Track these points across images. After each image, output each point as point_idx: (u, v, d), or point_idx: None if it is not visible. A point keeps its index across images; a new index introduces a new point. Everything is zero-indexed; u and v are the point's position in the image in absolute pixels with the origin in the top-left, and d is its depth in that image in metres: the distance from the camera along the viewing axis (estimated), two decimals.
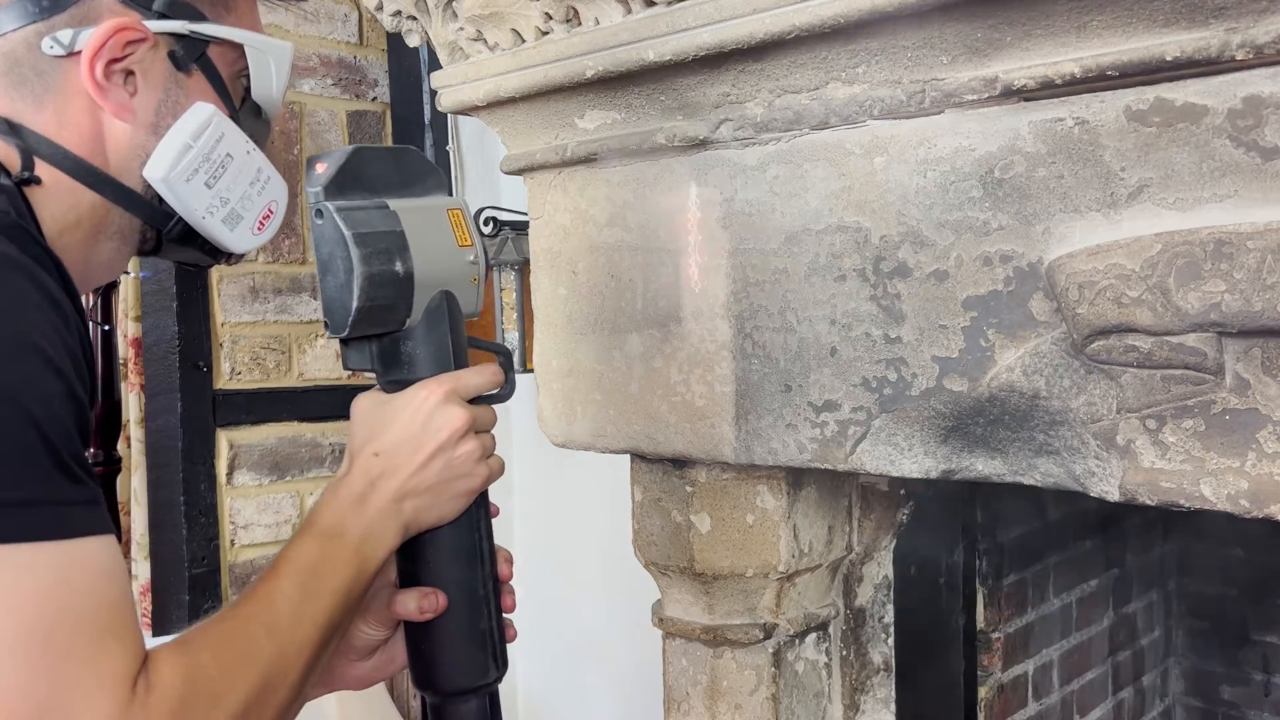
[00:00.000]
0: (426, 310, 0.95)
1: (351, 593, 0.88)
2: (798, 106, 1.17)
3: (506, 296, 1.98)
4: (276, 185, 0.97)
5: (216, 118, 0.91)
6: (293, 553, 0.87)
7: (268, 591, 0.83)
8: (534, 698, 2.69)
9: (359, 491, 0.91)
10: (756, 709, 1.46)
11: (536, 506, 2.63)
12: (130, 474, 2.41)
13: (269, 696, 0.78)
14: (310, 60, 2.54)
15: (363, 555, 0.89)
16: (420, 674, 0.98)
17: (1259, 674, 2.29)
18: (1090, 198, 0.99)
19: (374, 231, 0.91)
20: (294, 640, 0.81)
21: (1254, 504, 0.93)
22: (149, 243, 0.93)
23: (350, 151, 0.93)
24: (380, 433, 0.93)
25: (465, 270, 0.98)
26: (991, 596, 1.68)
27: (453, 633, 0.97)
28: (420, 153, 1.01)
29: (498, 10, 1.31)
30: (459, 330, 0.98)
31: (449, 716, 0.99)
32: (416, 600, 0.95)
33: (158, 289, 2.35)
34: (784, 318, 1.22)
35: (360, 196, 0.92)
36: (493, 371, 0.99)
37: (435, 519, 0.95)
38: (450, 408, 0.94)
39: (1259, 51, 0.86)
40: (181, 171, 0.89)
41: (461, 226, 0.98)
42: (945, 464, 1.14)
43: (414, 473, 0.92)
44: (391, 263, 0.91)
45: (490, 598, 1.00)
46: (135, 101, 0.88)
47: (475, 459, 0.95)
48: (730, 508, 1.40)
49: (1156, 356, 0.96)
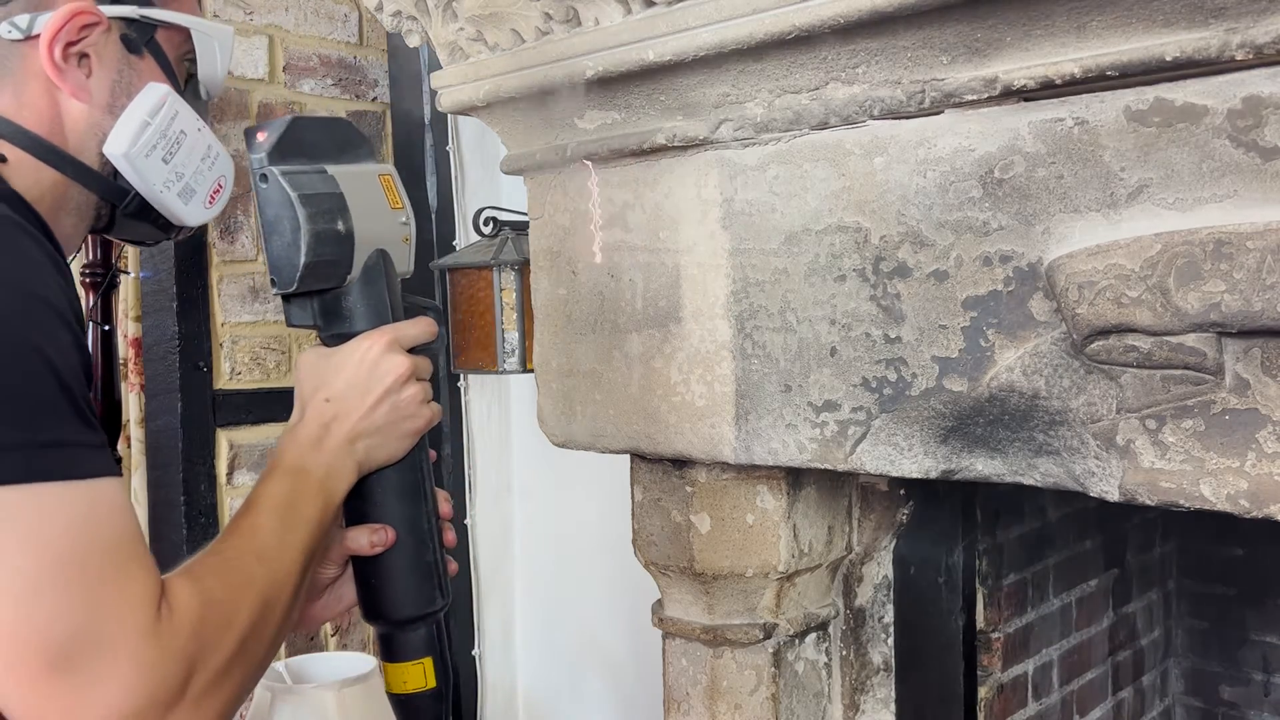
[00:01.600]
0: (365, 267, 1.02)
1: (323, 523, 0.95)
2: (798, 106, 1.17)
3: (506, 296, 1.98)
4: (225, 161, 1.03)
5: (170, 96, 0.96)
6: (266, 490, 0.94)
7: (251, 525, 0.91)
8: (534, 698, 2.69)
9: (314, 435, 0.98)
10: (756, 709, 1.46)
11: (536, 506, 2.63)
12: (130, 474, 2.41)
13: (268, 615, 0.86)
14: (310, 60, 2.54)
15: (327, 490, 0.96)
16: (370, 606, 1.05)
17: (1259, 674, 2.29)
18: (1090, 198, 0.99)
19: (316, 193, 0.98)
20: (282, 566, 0.89)
21: (1254, 504, 0.93)
22: (103, 219, 0.98)
23: (289, 121, 0.99)
24: (329, 381, 1.00)
25: (398, 230, 1.05)
26: (991, 596, 1.68)
27: (400, 565, 1.04)
28: (352, 123, 1.08)
29: (498, 10, 1.31)
30: (394, 286, 1.06)
31: (399, 643, 1.05)
32: (367, 536, 1.02)
33: (158, 289, 2.35)
34: (784, 318, 1.22)
35: (301, 162, 0.99)
36: (428, 323, 1.06)
37: (385, 458, 1.02)
38: (393, 355, 1.01)
39: (1259, 51, 0.86)
40: (141, 148, 0.94)
41: (393, 190, 1.05)
42: (945, 464, 1.14)
43: (364, 415, 0.99)
44: (334, 222, 0.98)
45: (434, 532, 1.06)
46: (91, 82, 0.92)
47: (418, 401, 1.03)
48: (730, 508, 1.40)
49: (1156, 356, 0.96)
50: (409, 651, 1.05)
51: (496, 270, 1.98)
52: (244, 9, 2.42)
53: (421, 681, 1.05)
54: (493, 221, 2.06)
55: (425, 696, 1.06)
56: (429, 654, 1.05)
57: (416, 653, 1.05)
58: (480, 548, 2.62)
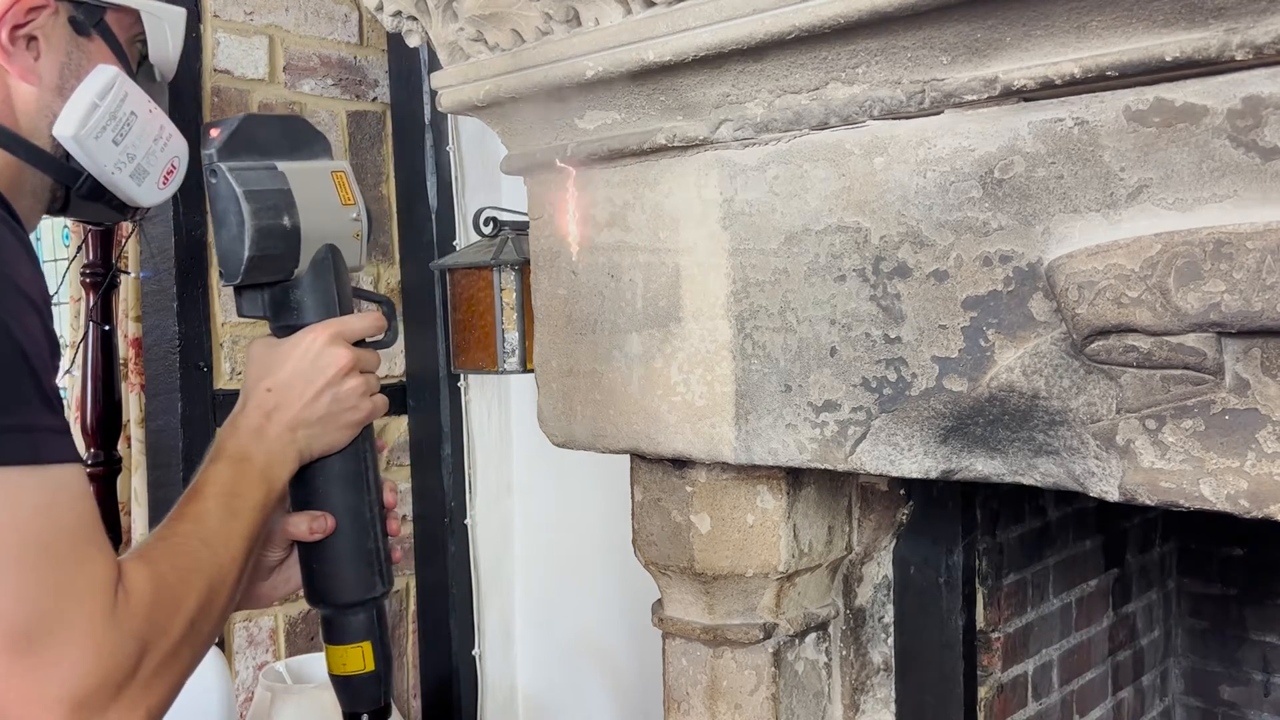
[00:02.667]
0: (313, 262, 1.05)
1: (265, 509, 0.98)
2: (798, 107, 1.17)
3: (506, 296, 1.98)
4: (178, 142, 1.04)
5: (120, 78, 0.97)
6: (210, 477, 0.96)
7: (197, 511, 0.93)
8: (534, 698, 2.69)
9: (256, 424, 1.00)
10: (756, 709, 1.46)
11: (536, 506, 2.63)
12: (130, 474, 2.41)
13: (215, 599, 0.89)
14: (310, 60, 2.54)
15: (269, 478, 0.99)
16: (313, 590, 1.09)
17: (1259, 674, 2.29)
18: (1090, 198, 0.99)
19: (263, 189, 1.01)
20: (227, 550, 0.92)
21: (1254, 504, 0.93)
22: (58, 201, 0.99)
23: (242, 119, 1.02)
24: (273, 371, 1.02)
25: (349, 226, 1.08)
26: (991, 596, 1.68)
27: (341, 551, 1.07)
28: (306, 121, 1.11)
29: (498, 10, 1.31)
30: (343, 280, 1.09)
31: (339, 626, 1.09)
32: (307, 522, 1.05)
33: (158, 289, 2.35)
34: (784, 318, 1.22)
35: (251, 158, 1.01)
36: (375, 318, 1.09)
37: (325, 447, 1.04)
38: (336, 348, 1.03)
39: (1259, 52, 0.86)
40: (90, 129, 0.94)
41: (345, 187, 1.08)
42: (945, 464, 1.14)
43: (305, 405, 1.02)
44: (279, 217, 1.01)
45: (376, 521, 1.09)
46: (39, 65, 0.93)
47: (359, 394, 1.05)
48: (730, 508, 1.40)
49: (1156, 356, 0.96)
50: (349, 635, 1.08)
51: (496, 270, 1.98)
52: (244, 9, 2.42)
53: (360, 664, 1.09)
54: (493, 221, 2.07)
55: (364, 679, 1.09)
56: (368, 638, 1.09)
57: (356, 636, 1.08)
58: (480, 548, 2.62)
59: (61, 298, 2.60)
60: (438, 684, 2.65)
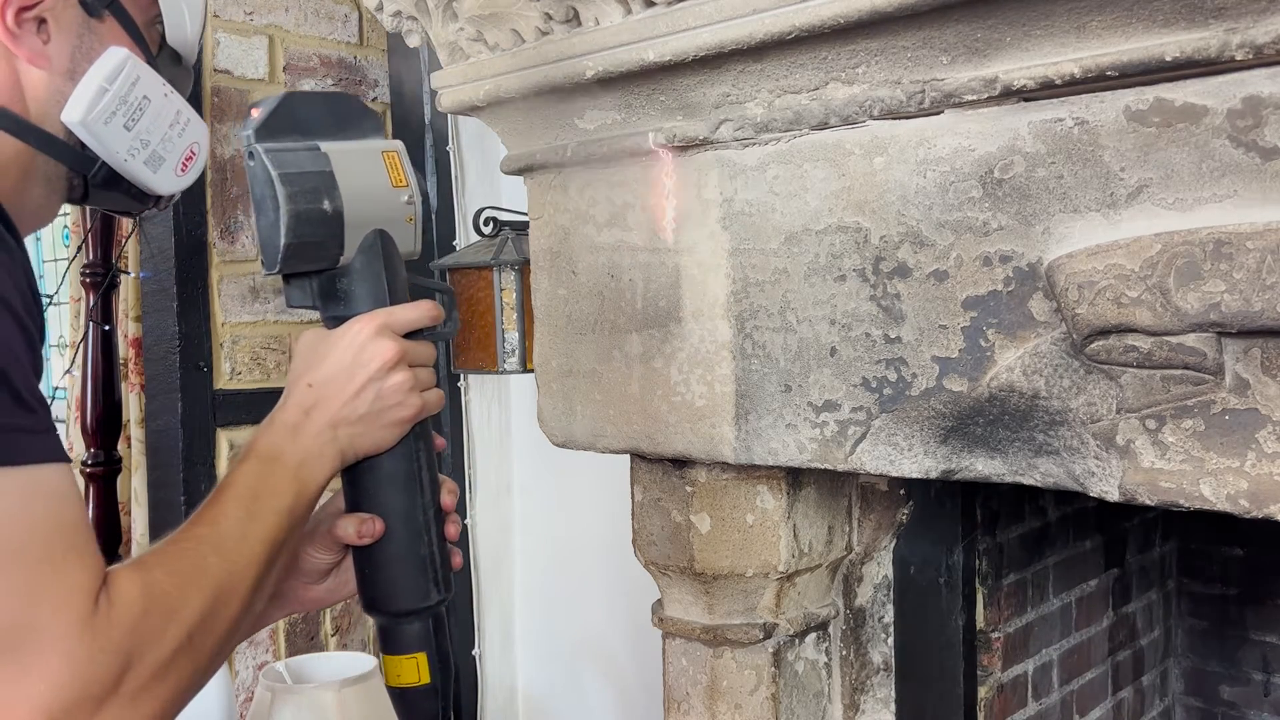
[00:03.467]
0: (361, 248, 0.98)
1: (294, 513, 0.92)
2: (798, 107, 1.17)
3: (506, 296, 1.98)
4: (197, 127, 0.99)
5: (131, 60, 0.92)
6: (235, 477, 0.91)
7: (213, 514, 0.87)
8: (534, 698, 2.69)
9: (293, 421, 0.95)
10: (756, 709, 1.46)
11: (536, 506, 2.63)
12: (130, 474, 2.41)
13: (220, 610, 0.82)
14: (310, 60, 2.54)
15: (301, 478, 0.93)
16: (366, 596, 1.04)
17: (1259, 674, 2.29)
18: (1090, 198, 0.99)
19: (301, 171, 0.94)
20: (241, 558, 0.85)
21: (1254, 504, 0.93)
22: (76, 190, 0.95)
23: (283, 96, 0.96)
24: (316, 365, 0.97)
25: (400, 210, 1.01)
26: (991, 596, 1.68)
27: (393, 557, 1.01)
28: (357, 98, 1.04)
29: (498, 10, 1.31)
30: (395, 268, 1.01)
31: (393, 636, 1.04)
32: (355, 525, 0.99)
33: (158, 289, 2.35)
34: (784, 318, 1.22)
35: (292, 139, 0.95)
36: (429, 307, 1.01)
37: (371, 446, 0.98)
38: (381, 340, 0.97)
39: (1259, 52, 0.86)
40: (99, 114, 0.90)
41: (397, 168, 1.01)
42: (945, 464, 1.14)
43: (346, 402, 0.95)
44: (319, 201, 0.94)
45: (431, 524, 1.03)
46: (49, 48, 0.89)
47: (406, 389, 0.98)
48: (730, 508, 1.40)
49: (1156, 356, 0.96)
50: (402, 645, 1.03)
51: (496, 270, 1.98)
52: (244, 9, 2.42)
53: (414, 676, 1.03)
54: (493, 221, 2.07)
55: (419, 692, 1.04)
56: (423, 649, 1.03)
57: (410, 647, 1.03)
58: (480, 548, 2.62)
59: (61, 298, 2.60)
60: None
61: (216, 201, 2.35)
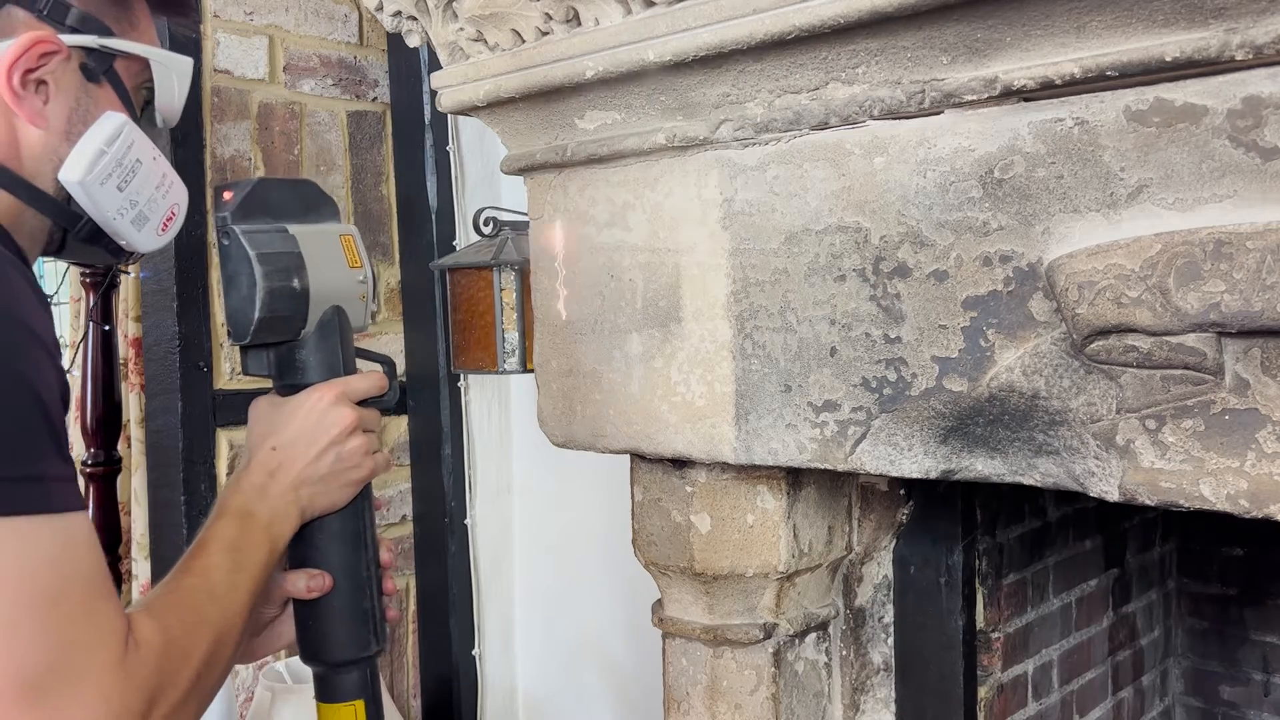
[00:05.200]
0: (320, 323, 1.08)
1: (268, 567, 1.00)
2: (798, 106, 1.17)
3: (506, 296, 1.98)
4: (179, 189, 1.04)
5: (128, 126, 0.97)
6: (216, 532, 0.98)
7: (203, 566, 0.94)
8: (534, 698, 2.69)
9: (260, 482, 1.02)
10: (756, 709, 1.46)
11: (536, 506, 2.63)
12: (130, 474, 2.41)
13: (220, 651, 0.90)
14: (310, 60, 2.54)
15: (272, 535, 1.01)
16: (307, 647, 1.10)
17: (1259, 674, 2.29)
18: (1090, 198, 0.99)
19: (275, 252, 1.04)
20: (232, 605, 0.93)
21: (1254, 504, 0.93)
22: (54, 243, 0.99)
23: (255, 183, 1.06)
24: (278, 430, 1.05)
25: (355, 288, 1.11)
26: (991, 596, 1.68)
27: (337, 610, 1.08)
28: (317, 185, 1.13)
29: (498, 10, 1.31)
30: (348, 341, 1.11)
31: (333, 685, 1.10)
32: (305, 580, 1.07)
33: (158, 289, 2.35)
34: (784, 318, 1.22)
35: (263, 221, 1.05)
36: (378, 378, 1.11)
37: (327, 505, 1.07)
38: (340, 408, 1.06)
39: (1259, 52, 0.86)
40: (96, 176, 0.94)
41: (353, 250, 1.11)
42: (945, 464, 1.14)
43: (309, 463, 1.04)
44: (290, 279, 1.04)
45: (373, 579, 1.11)
46: (48, 109, 0.93)
47: (363, 453, 1.07)
48: (730, 508, 1.40)
49: (1156, 356, 0.96)
50: (342, 693, 1.10)
51: (496, 270, 1.98)
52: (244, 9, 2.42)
53: None
54: (493, 221, 2.07)
55: None
56: (360, 696, 1.10)
57: (349, 695, 1.10)
58: (480, 548, 2.62)
59: (61, 298, 2.60)
60: (438, 684, 2.65)
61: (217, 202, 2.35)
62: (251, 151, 2.44)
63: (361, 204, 2.62)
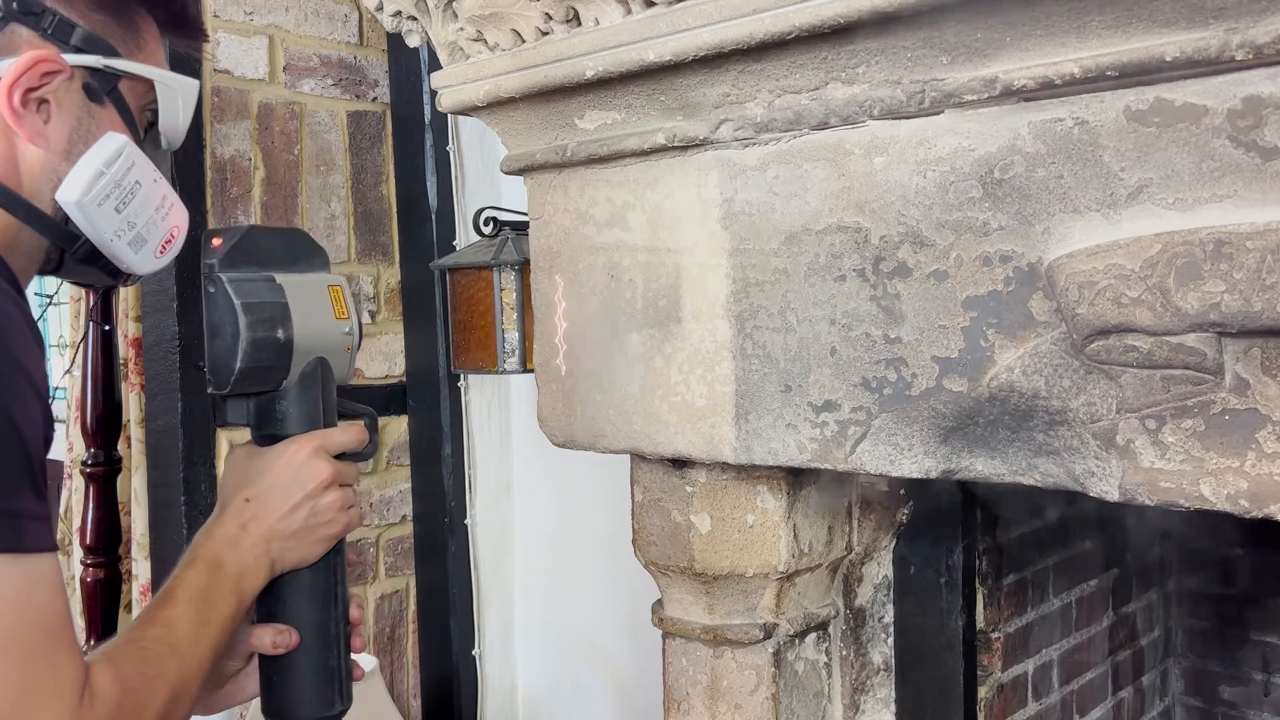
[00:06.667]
0: (302, 374, 1.06)
1: (234, 620, 0.98)
2: (798, 107, 1.17)
3: (506, 296, 1.98)
4: (179, 212, 1.03)
5: (128, 148, 0.96)
6: (184, 582, 0.96)
7: (168, 617, 0.93)
8: (534, 698, 2.69)
9: (232, 534, 1.01)
10: (756, 709, 1.46)
11: (536, 506, 2.63)
12: (130, 474, 2.41)
13: (176, 707, 0.89)
14: (310, 60, 2.54)
15: (240, 588, 0.99)
16: (271, 703, 1.07)
17: (1259, 674, 2.29)
18: (1090, 198, 0.99)
19: (260, 301, 1.02)
20: (193, 659, 0.92)
21: (1253, 504, 0.93)
22: (52, 262, 0.98)
23: (244, 230, 1.04)
24: (253, 480, 1.03)
25: (341, 340, 1.09)
26: (991, 596, 1.68)
27: (303, 667, 1.06)
28: (308, 234, 1.12)
29: (498, 10, 1.31)
30: (329, 393, 1.09)
31: None
32: (271, 636, 1.05)
33: (158, 289, 2.35)
34: (784, 318, 1.22)
35: (250, 270, 1.03)
36: (358, 431, 1.10)
37: (298, 560, 1.05)
38: (317, 461, 1.04)
39: (1259, 52, 0.86)
40: (94, 196, 0.93)
41: (340, 301, 1.10)
42: (945, 464, 1.14)
43: (281, 517, 1.02)
44: (274, 330, 1.02)
45: (340, 637, 1.09)
46: (49, 128, 0.92)
47: (337, 508, 1.06)
48: (730, 508, 1.40)
49: (1156, 356, 0.96)
50: None
51: (496, 270, 1.98)
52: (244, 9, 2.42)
53: None
54: (493, 221, 2.07)
55: None
56: None
57: None
58: (480, 548, 2.62)
59: (61, 298, 2.60)
60: (438, 684, 2.65)
61: (216, 202, 2.35)
62: (251, 151, 2.44)
63: (361, 204, 2.62)
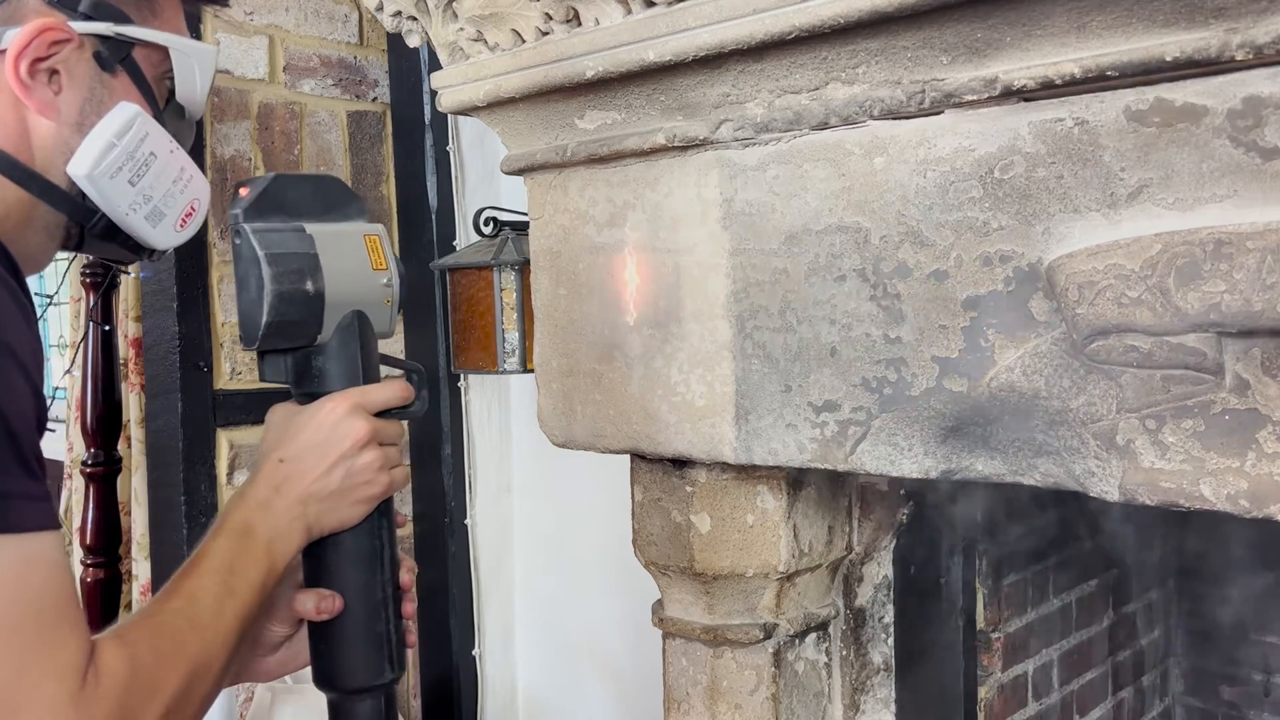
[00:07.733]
0: (338, 328, 1.01)
1: (265, 588, 0.94)
2: (798, 107, 1.17)
3: (506, 296, 1.98)
4: (199, 184, 1.00)
5: (140, 117, 0.93)
6: (210, 551, 0.92)
7: (191, 588, 0.88)
8: (534, 698, 2.69)
9: (264, 497, 0.96)
10: (756, 709, 1.46)
11: (536, 506, 2.63)
12: (130, 474, 2.41)
13: (196, 685, 0.84)
14: (310, 60, 2.54)
15: (272, 554, 0.94)
16: (319, 671, 1.04)
17: (1259, 674, 2.29)
18: (1090, 198, 0.99)
19: (287, 252, 0.97)
20: (217, 633, 0.87)
21: (1254, 504, 0.93)
22: (73, 238, 0.95)
23: (271, 178, 0.99)
24: (288, 441, 0.99)
25: (379, 292, 1.04)
26: (991, 596, 1.68)
27: (350, 633, 1.02)
28: (342, 181, 1.07)
29: (498, 10, 1.31)
30: (370, 348, 1.04)
31: (345, 713, 1.04)
32: (314, 601, 1.00)
33: (158, 289, 2.36)
34: (784, 318, 1.22)
35: (279, 219, 0.98)
36: (400, 387, 1.04)
37: (337, 523, 1.00)
38: (354, 419, 0.99)
39: (1259, 52, 0.86)
40: (105, 169, 0.90)
41: (378, 251, 1.04)
42: (945, 464, 1.14)
43: (316, 479, 0.98)
44: (302, 282, 0.97)
45: (389, 602, 1.04)
46: (59, 100, 0.89)
47: (376, 468, 1.00)
48: (730, 508, 1.40)
49: (1156, 356, 0.96)
50: None
51: (496, 270, 1.98)
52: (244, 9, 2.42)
53: None
54: (493, 221, 2.07)
55: None
56: None
57: None
58: (480, 548, 2.62)
59: (61, 298, 2.60)
60: (438, 684, 2.65)
61: (217, 202, 2.35)
62: (251, 151, 2.44)
63: None
